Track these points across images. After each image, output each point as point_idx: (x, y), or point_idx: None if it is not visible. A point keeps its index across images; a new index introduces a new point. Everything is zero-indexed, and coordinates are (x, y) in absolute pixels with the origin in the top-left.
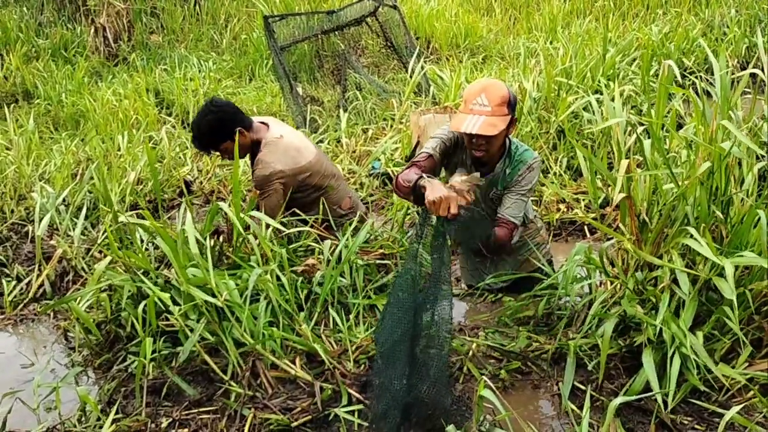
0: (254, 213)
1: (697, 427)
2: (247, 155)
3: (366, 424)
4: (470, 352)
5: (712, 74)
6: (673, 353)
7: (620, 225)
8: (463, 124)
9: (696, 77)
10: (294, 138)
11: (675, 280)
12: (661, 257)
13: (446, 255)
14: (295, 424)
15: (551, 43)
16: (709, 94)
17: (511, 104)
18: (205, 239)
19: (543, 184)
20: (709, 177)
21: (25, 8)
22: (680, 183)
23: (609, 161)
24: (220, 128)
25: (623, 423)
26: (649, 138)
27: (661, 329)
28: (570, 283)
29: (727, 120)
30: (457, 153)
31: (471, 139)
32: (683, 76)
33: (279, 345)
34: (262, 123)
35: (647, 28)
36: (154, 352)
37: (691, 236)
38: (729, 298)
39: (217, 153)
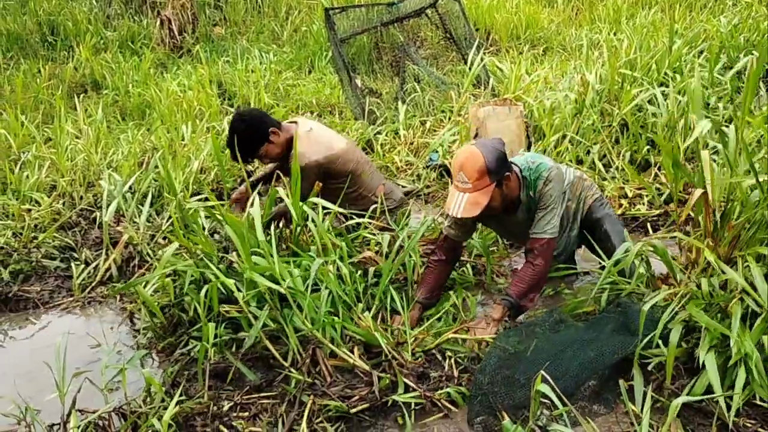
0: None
1: (760, 430)
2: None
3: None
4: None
5: None
6: (740, 364)
7: (696, 219)
8: (449, 205)
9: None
10: (323, 130)
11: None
12: (735, 260)
13: None
14: (353, 411)
15: (615, 34)
16: None
17: (491, 171)
18: (266, 226)
19: (604, 179)
20: None
21: (94, 1)
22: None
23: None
24: (254, 133)
25: (683, 424)
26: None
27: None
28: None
29: None
30: None
31: None
32: None
33: (339, 334)
34: (291, 122)
35: (716, 20)
36: (215, 337)
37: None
38: None
39: (256, 161)
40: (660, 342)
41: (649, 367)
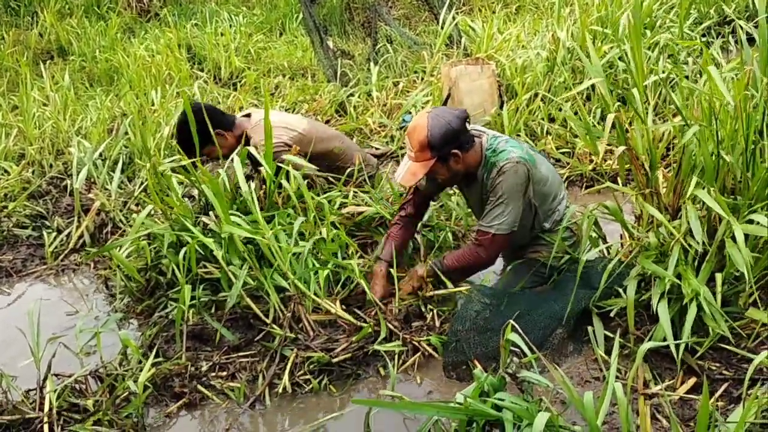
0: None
1: (725, 372)
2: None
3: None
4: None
5: (750, 21)
6: (691, 303)
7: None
8: (398, 170)
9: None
10: (278, 116)
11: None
12: (680, 208)
13: None
14: (336, 360)
15: None
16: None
17: (432, 146)
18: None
19: (576, 136)
20: (711, 122)
21: None
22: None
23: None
24: (199, 132)
25: (651, 369)
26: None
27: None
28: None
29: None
30: None
31: None
32: (723, 24)
33: (322, 288)
34: (244, 116)
35: None
36: (193, 299)
37: (703, 188)
38: (742, 261)
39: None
40: (621, 291)
41: (612, 314)
